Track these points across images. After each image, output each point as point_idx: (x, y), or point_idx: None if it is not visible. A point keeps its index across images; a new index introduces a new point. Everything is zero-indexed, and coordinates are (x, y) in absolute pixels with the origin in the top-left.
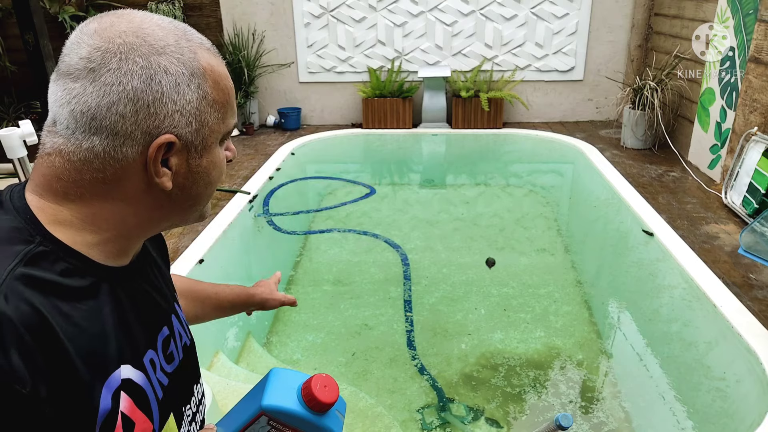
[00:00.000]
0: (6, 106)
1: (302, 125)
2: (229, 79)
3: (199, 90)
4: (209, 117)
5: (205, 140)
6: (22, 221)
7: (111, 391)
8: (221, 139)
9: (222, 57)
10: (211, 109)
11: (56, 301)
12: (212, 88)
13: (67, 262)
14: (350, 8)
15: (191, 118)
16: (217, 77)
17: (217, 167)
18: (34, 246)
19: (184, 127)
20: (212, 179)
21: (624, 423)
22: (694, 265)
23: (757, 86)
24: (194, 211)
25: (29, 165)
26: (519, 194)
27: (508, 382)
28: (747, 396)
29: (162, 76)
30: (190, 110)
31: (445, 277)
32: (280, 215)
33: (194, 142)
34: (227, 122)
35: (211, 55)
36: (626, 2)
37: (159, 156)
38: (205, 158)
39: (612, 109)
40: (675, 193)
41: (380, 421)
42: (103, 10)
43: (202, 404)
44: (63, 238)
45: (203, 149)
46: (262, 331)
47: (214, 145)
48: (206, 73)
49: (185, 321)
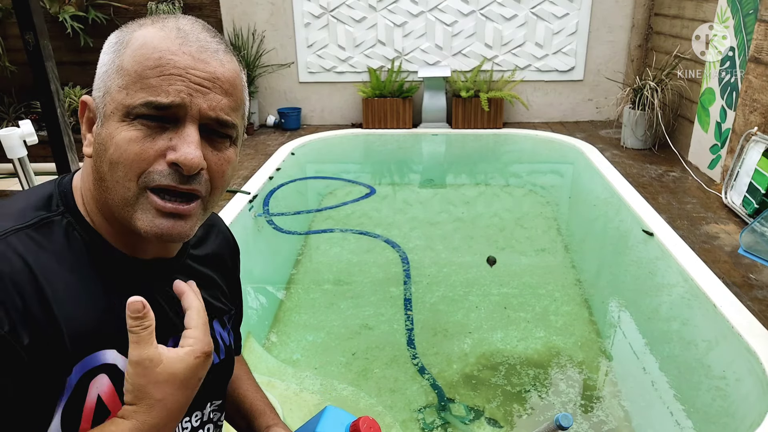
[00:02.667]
0: (6, 106)
1: (302, 125)
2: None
3: (113, 55)
4: (112, 83)
5: (106, 107)
6: (56, 191)
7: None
8: (125, 113)
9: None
10: (116, 75)
11: (55, 266)
12: (127, 55)
13: (81, 237)
14: (350, 8)
15: (101, 82)
16: (138, 46)
17: (114, 145)
18: (54, 215)
19: (96, 92)
20: (112, 159)
21: (624, 422)
22: (694, 265)
23: (757, 86)
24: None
25: (29, 165)
26: (519, 194)
27: (508, 382)
28: (747, 396)
29: (104, 46)
30: (101, 74)
31: (445, 277)
32: (280, 215)
33: (99, 107)
34: (133, 96)
35: (159, 29)
36: (626, 2)
37: (83, 119)
38: (104, 129)
39: (612, 109)
40: (675, 193)
41: (380, 420)
42: (103, 10)
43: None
44: (84, 213)
45: (104, 117)
46: (262, 331)
47: (113, 117)
48: (130, 41)
49: (223, 342)
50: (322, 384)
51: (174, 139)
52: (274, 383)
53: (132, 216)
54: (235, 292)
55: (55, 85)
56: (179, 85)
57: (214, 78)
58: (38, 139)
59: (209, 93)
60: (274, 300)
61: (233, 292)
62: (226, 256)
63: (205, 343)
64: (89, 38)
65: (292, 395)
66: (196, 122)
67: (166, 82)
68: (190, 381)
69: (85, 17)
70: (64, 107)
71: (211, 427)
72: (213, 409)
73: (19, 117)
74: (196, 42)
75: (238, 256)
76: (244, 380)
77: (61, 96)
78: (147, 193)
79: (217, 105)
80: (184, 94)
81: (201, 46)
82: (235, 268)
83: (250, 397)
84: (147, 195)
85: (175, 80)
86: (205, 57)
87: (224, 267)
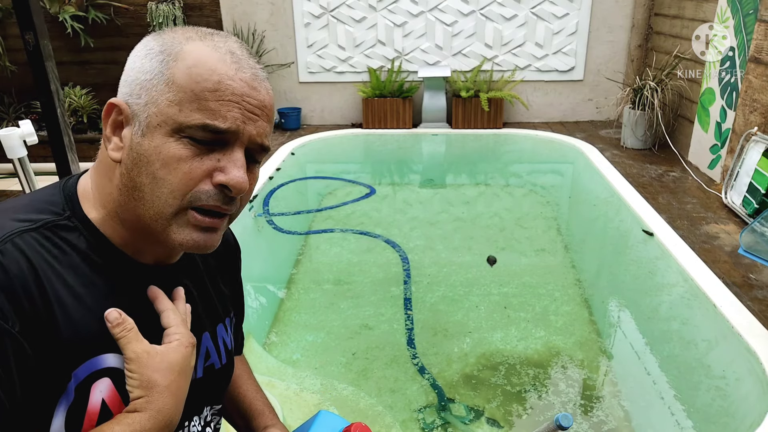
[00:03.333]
0: (6, 106)
1: (302, 125)
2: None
3: (160, 65)
4: (161, 95)
5: (150, 118)
6: (61, 195)
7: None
8: (176, 129)
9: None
10: (165, 88)
11: (60, 269)
12: (180, 70)
13: (87, 241)
14: (350, 8)
15: (142, 90)
16: (193, 64)
17: (161, 160)
18: (60, 219)
19: (135, 98)
20: (155, 173)
21: (624, 422)
22: (694, 265)
23: (757, 86)
24: (148, 215)
25: (29, 165)
26: (519, 194)
27: (508, 382)
28: (747, 396)
29: (140, 51)
30: (143, 81)
31: (445, 277)
32: (280, 215)
33: (139, 115)
34: (187, 115)
35: (213, 50)
36: (626, 2)
37: (109, 120)
38: (146, 140)
39: (612, 109)
40: (675, 193)
41: (380, 420)
42: (103, 10)
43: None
44: (92, 218)
45: (146, 128)
46: (262, 331)
47: (159, 129)
48: (181, 54)
49: (225, 346)
50: (322, 384)
51: (222, 161)
52: (274, 383)
53: (166, 229)
54: (236, 293)
55: (55, 85)
56: (236, 112)
57: (262, 106)
58: (38, 139)
59: (258, 120)
60: (274, 300)
61: (235, 294)
62: (228, 259)
63: (189, 335)
64: (89, 38)
65: (293, 395)
66: (243, 146)
67: (225, 107)
68: (185, 369)
69: (85, 17)
70: (64, 107)
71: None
72: (213, 413)
73: (19, 117)
74: (249, 69)
75: (239, 258)
76: (244, 380)
77: (61, 96)
78: (189, 210)
79: (263, 132)
80: (239, 122)
81: (254, 73)
82: (236, 270)
83: (250, 396)
84: (188, 212)
85: (232, 107)
86: (256, 85)
87: (226, 270)
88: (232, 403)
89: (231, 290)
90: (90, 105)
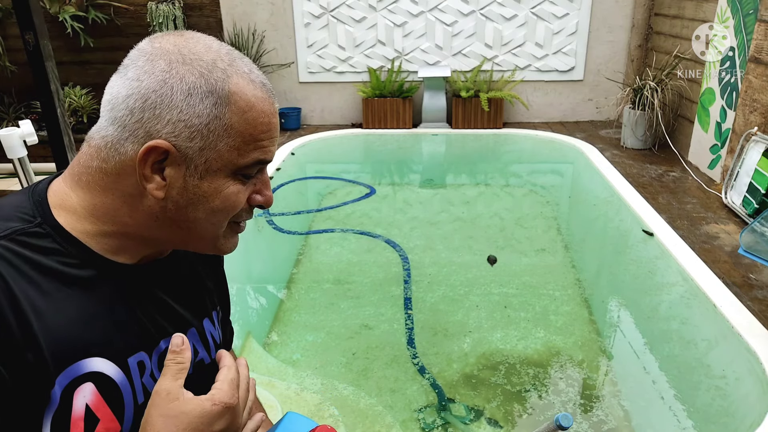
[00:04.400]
0: (6, 106)
1: (302, 125)
2: (270, 118)
3: (214, 108)
4: (219, 141)
5: (209, 163)
6: (30, 202)
7: (70, 377)
8: (235, 171)
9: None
10: (224, 133)
11: (35, 276)
12: (234, 113)
13: (61, 246)
14: (350, 8)
15: (196, 134)
16: (246, 106)
17: (221, 198)
18: (30, 225)
19: (185, 140)
20: (214, 209)
21: (623, 422)
22: (694, 265)
23: (757, 86)
24: (196, 236)
25: (29, 165)
26: (519, 194)
27: (508, 382)
28: (747, 396)
29: (176, 83)
30: (196, 125)
31: (445, 277)
32: (280, 215)
33: (194, 159)
34: (245, 156)
35: (254, 87)
36: (626, 2)
37: (149, 160)
38: (206, 182)
39: (612, 109)
40: (675, 193)
41: (380, 420)
42: (103, 10)
43: None
44: (64, 223)
45: (205, 171)
46: (261, 331)
47: (220, 173)
48: (231, 96)
49: (214, 341)
50: (322, 384)
51: (258, 184)
52: (274, 383)
53: (215, 243)
54: (220, 287)
55: (55, 85)
56: (275, 145)
57: (277, 127)
58: (38, 139)
59: (276, 142)
60: (274, 300)
61: (220, 289)
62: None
63: (227, 395)
64: (89, 38)
65: (293, 395)
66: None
67: (270, 142)
68: (199, 427)
69: (85, 17)
70: (64, 107)
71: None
72: None
73: (19, 117)
74: (274, 97)
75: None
76: None
77: (61, 96)
78: (231, 224)
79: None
80: (274, 151)
81: (275, 98)
82: (219, 265)
83: None
84: (231, 225)
85: (273, 140)
86: (276, 109)
87: (209, 263)
88: None
89: (215, 284)
90: (90, 105)
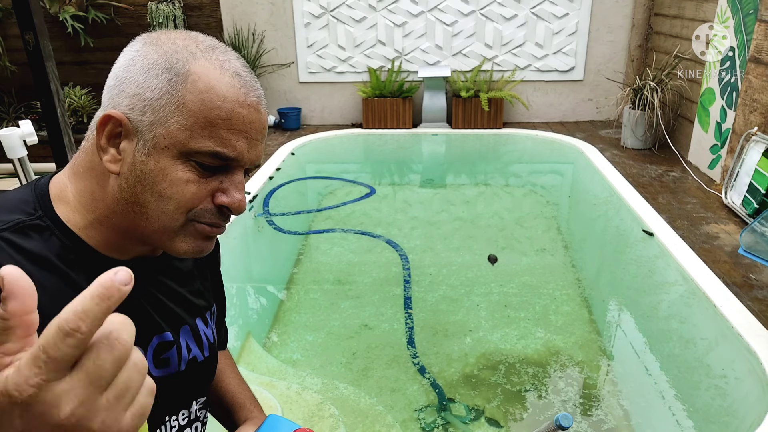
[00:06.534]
0: (6, 106)
1: (302, 125)
2: (235, 107)
3: (168, 84)
4: (170, 117)
5: (157, 139)
6: (32, 195)
7: None
8: (185, 154)
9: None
10: (175, 110)
11: (33, 270)
12: (190, 92)
13: (59, 240)
14: (350, 8)
15: (147, 107)
16: (204, 87)
17: (168, 182)
18: (31, 218)
19: (138, 114)
20: (162, 193)
21: (623, 421)
22: (694, 265)
23: (757, 86)
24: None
25: (29, 165)
26: (519, 194)
27: (508, 381)
28: (747, 396)
29: (140, 59)
30: (149, 98)
31: (445, 277)
32: (280, 215)
33: (144, 134)
34: (197, 140)
35: (221, 72)
36: (626, 2)
37: (105, 130)
38: (152, 160)
39: (612, 109)
40: (675, 193)
41: (381, 420)
42: (103, 10)
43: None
44: (62, 216)
45: (152, 148)
46: (262, 331)
47: (167, 152)
48: (190, 75)
49: (207, 340)
50: (322, 384)
51: (224, 183)
52: (274, 383)
53: (172, 240)
54: (216, 286)
55: (55, 85)
56: (243, 141)
57: (262, 129)
58: (38, 139)
59: (259, 144)
60: (274, 300)
61: (215, 288)
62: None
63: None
64: (89, 38)
65: (293, 395)
66: (243, 168)
67: (234, 137)
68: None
69: (85, 17)
70: (64, 107)
71: (199, 426)
72: (198, 408)
73: (19, 117)
74: (254, 92)
75: (218, 251)
76: (227, 374)
77: (61, 96)
78: (194, 223)
79: (261, 153)
80: (245, 151)
81: (258, 96)
82: (215, 265)
83: (232, 390)
84: (194, 224)
85: (241, 136)
86: (260, 108)
87: (205, 263)
88: (216, 396)
89: (211, 284)
90: (90, 105)
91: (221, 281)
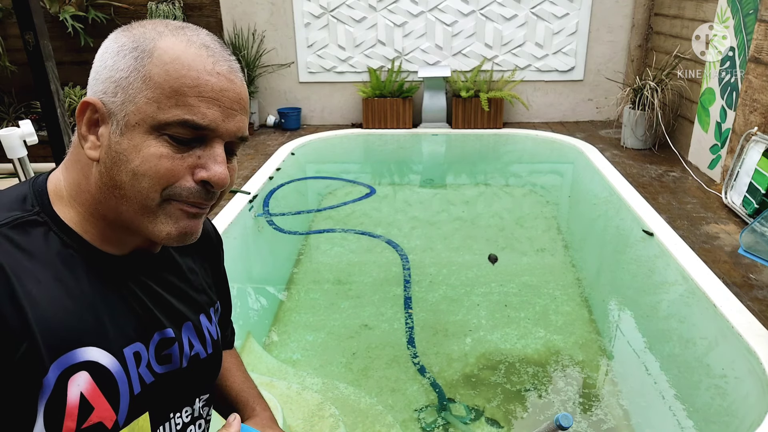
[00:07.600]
0: (6, 106)
1: (302, 125)
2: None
3: (135, 61)
4: (138, 93)
5: (128, 117)
6: (30, 192)
7: (63, 366)
8: (156, 127)
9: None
10: (143, 85)
11: (30, 265)
12: (155, 65)
13: (56, 235)
14: (350, 8)
15: (118, 88)
16: (169, 59)
17: (141, 158)
18: (29, 214)
19: (111, 96)
20: (135, 171)
21: (623, 421)
22: (694, 265)
23: (757, 86)
24: (129, 209)
25: (29, 165)
26: (519, 194)
27: (508, 381)
28: (747, 396)
29: (111, 45)
30: (118, 78)
31: (445, 277)
32: (280, 215)
33: (117, 114)
34: (165, 111)
35: (188, 44)
36: (626, 2)
37: (84, 118)
38: (126, 139)
39: (612, 109)
40: (675, 193)
41: (381, 420)
42: (103, 10)
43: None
44: (59, 211)
45: (125, 127)
46: (262, 331)
47: (138, 128)
48: (156, 50)
49: (210, 336)
50: (322, 384)
51: (203, 158)
52: (274, 383)
53: (153, 221)
54: (220, 284)
55: (55, 85)
56: (215, 109)
57: (239, 99)
58: (38, 139)
59: (237, 115)
60: (274, 300)
61: (219, 285)
62: (209, 249)
63: None
64: (89, 38)
65: (293, 395)
66: (223, 142)
67: (204, 104)
68: None
69: (85, 17)
70: (64, 107)
71: (202, 423)
72: (202, 405)
73: (19, 117)
74: (225, 62)
75: (221, 248)
76: (233, 372)
77: (61, 96)
78: (172, 202)
79: (242, 125)
80: (219, 120)
81: (230, 66)
82: (219, 261)
83: (236, 388)
84: (172, 203)
85: (212, 104)
86: (233, 78)
87: (208, 260)
88: (221, 394)
89: (215, 281)
90: None
91: (226, 279)
